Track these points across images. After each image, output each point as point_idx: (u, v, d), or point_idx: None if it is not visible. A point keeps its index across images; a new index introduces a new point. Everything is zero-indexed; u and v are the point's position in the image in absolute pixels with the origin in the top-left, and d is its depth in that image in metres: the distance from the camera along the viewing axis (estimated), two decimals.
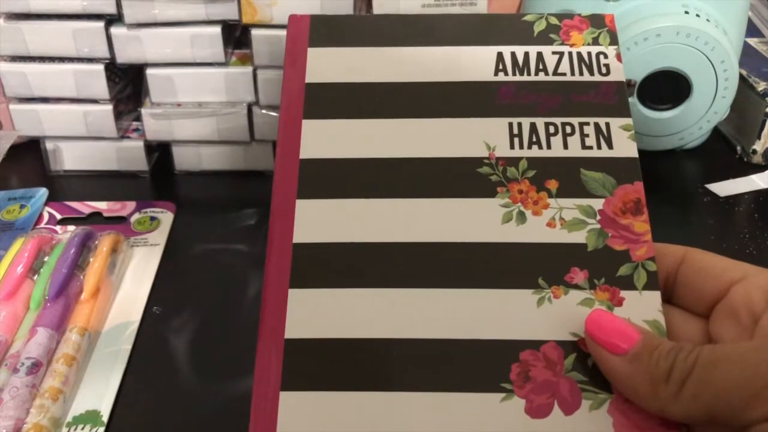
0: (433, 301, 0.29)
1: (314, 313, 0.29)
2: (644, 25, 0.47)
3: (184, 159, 0.52)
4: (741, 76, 0.53)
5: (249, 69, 0.48)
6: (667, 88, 0.50)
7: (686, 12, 0.48)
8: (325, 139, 0.33)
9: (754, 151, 0.53)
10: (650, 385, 0.25)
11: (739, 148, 0.55)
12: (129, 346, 0.39)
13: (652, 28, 0.47)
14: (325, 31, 0.36)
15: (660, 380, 0.25)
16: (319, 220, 0.31)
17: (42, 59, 0.48)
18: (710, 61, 0.48)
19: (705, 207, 0.50)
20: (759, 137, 0.52)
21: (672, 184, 0.52)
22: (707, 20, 0.48)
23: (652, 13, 0.48)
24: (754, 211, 0.49)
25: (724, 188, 0.51)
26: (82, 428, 0.35)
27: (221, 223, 0.49)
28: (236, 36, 0.50)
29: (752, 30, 0.62)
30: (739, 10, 0.50)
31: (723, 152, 0.55)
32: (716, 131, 0.56)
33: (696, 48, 0.48)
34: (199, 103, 0.50)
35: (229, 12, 0.47)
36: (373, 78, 0.34)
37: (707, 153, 0.55)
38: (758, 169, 0.53)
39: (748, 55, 0.56)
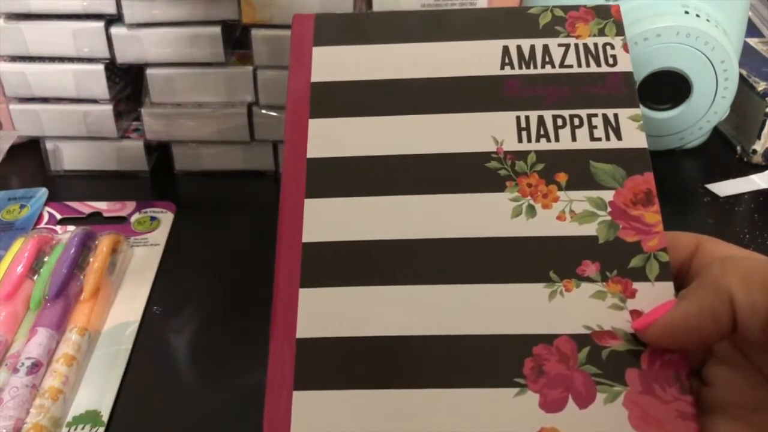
0: (445, 298, 0.29)
1: (325, 312, 0.29)
2: (644, 25, 0.47)
3: (184, 159, 0.52)
4: (741, 76, 0.53)
5: (249, 69, 0.48)
6: (667, 88, 0.50)
7: (686, 12, 0.48)
8: (332, 137, 0.33)
9: (754, 151, 0.53)
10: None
11: (739, 148, 0.55)
12: (129, 346, 0.39)
13: (652, 28, 0.47)
14: (330, 29, 0.36)
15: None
16: (327, 219, 0.31)
17: (42, 59, 0.48)
18: (710, 61, 0.48)
19: (705, 207, 0.50)
20: (759, 137, 0.52)
21: (672, 184, 0.52)
22: (707, 20, 0.48)
23: (652, 13, 0.48)
24: (754, 211, 0.49)
25: (724, 188, 0.51)
26: (82, 428, 0.35)
27: (221, 223, 0.49)
28: (236, 36, 0.50)
29: (752, 30, 0.62)
30: (739, 10, 0.50)
31: (723, 152, 0.55)
32: (716, 131, 0.56)
33: (696, 48, 0.48)
34: (199, 103, 0.50)
35: (229, 12, 0.47)
36: (378, 75, 0.34)
37: (707, 153, 0.55)
38: (758, 169, 0.53)
39: (748, 55, 0.56)
